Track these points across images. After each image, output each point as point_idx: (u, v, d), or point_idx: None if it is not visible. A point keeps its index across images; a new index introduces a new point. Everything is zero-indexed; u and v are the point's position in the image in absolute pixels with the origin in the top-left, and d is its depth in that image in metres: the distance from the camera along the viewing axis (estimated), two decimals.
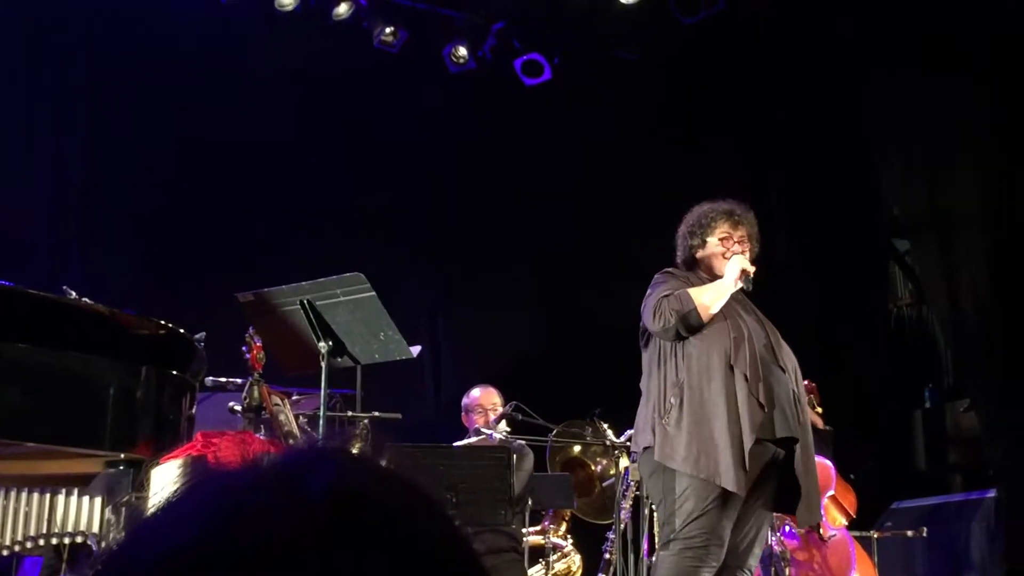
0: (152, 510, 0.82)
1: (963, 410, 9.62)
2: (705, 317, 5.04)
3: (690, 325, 5.02)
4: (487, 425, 7.01)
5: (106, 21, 8.54)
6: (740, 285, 5.16)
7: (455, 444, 6.85)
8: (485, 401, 7.25)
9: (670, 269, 5.38)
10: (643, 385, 5.30)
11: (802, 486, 5.15)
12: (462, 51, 9.43)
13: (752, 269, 5.21)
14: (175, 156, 8.68)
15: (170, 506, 0.82)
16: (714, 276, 5.29)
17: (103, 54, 8.57)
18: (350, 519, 0.78)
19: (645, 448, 5.11)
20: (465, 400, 7.39)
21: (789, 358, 5.25)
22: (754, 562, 5.30)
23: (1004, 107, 8.37)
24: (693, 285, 5.19)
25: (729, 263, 5.22)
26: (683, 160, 9.91)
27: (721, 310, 5.12)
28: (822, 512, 7.08)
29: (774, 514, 6.40)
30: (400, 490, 0.83)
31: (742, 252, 5.31)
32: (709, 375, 5.00)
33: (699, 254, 5.38)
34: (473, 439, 6.94)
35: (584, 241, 9.42)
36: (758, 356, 5.09)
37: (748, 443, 4.93)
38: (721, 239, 5.35)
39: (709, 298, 5.08)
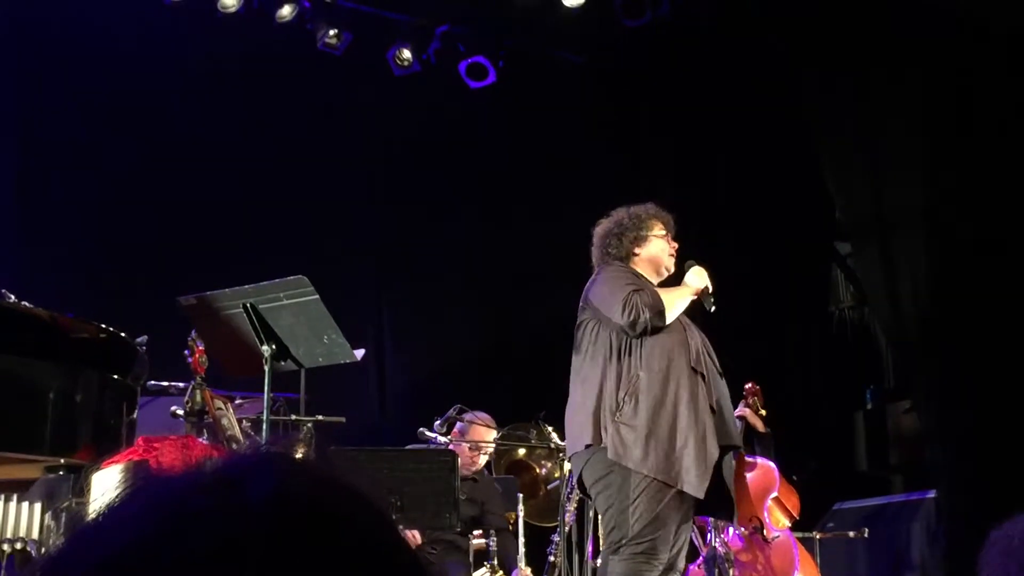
0: (92, 515, 0.82)
1: (904, 411, 9.71)
2: (670, 319, 5.06)
3: (656, 324, 5.01)
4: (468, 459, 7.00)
5: (42, 15, 8.43)
6: (700, 297, 5.24)
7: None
8: (476, 434, 7.17)
9: (619, 264, 5.33)
10: (581, 379, 5.22)
11: (732, 489, 5.20)
12: (406, 54, 9.40)
13: (711, 287, 5.29)
14: (115, 158, 8.58)
15: (110, 511, 0.81)
16: (653, 271, 5.33)
17: (38, 53, 8.46)
18: (290, 524, 0.77)
19: (588, 446, 5.06)
20: (462, 423, 7.29)
21: (717, 363, 5.30)
22: (682, 563, 5.29)
23: (938, 111, 8.46)
24: (646, 282, 5.21)
25: (692, 273, 5.29)
26: (626, 163, 9.96)
27: (677, 317, 5.16)
28: (765, 515, 7.14)
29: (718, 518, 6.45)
30: (341, 495, 0.83)
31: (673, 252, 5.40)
32: (672, 375, 5.00)
33: (639, 249, 5.36)
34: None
35: (528, 243, 9.42)
36: (707, 360, 5.15)
37: (712, 447, 4.98)
38: (663, 236, 5.38)
39: (674, 301, 5.12)
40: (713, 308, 5.27)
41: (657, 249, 5.36)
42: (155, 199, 8.57)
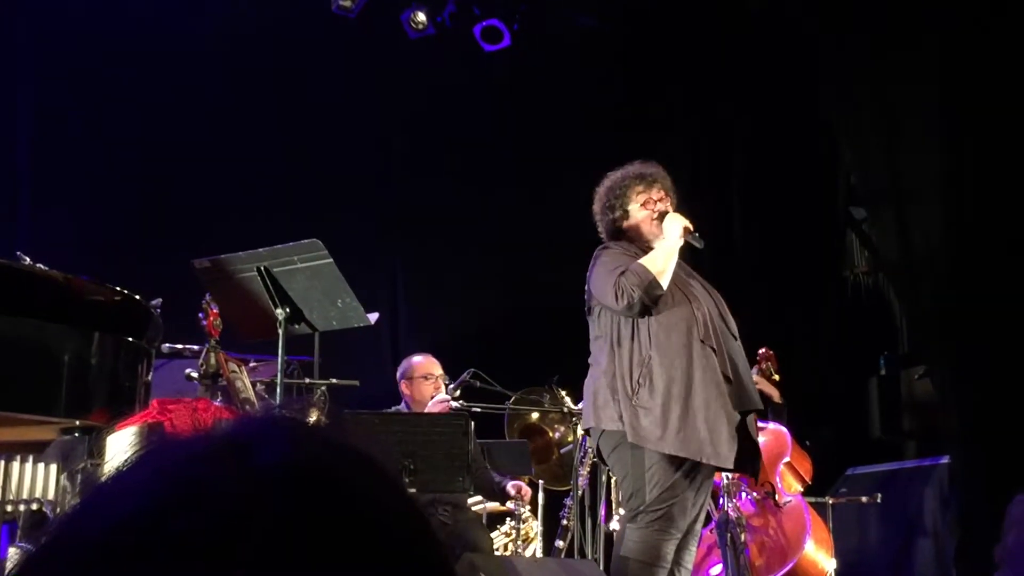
0: (103, 479, 0.82)
1: (918, 377, 9.69)
2: (664, 284, 5.00)
3: (653, 296, 4.97)
4: (434, 395, 6.94)
5: None
6: (686, 240, 5.14)
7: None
8: (430, 368, 7.11)
9: (607, 244, 5.32)
10: (593, 360, 5.25)
11: (756, 446, 5.21)
12: (421, 17, 9.36)
13: (691, 225, 5.18)
14: (130, 120, 8.58)
15: (120, 476, 0.81)
16: (647, 242, 5.25)
17: (49, 11, 8.45)
18: (299, 491, 0.77)
19: (605, 430, 5.05)
20: (405, 366, 7.26)
21: (733, 324, 5.26)
22: (699, 527, 5.31)
23: (955, 76, 8.41)
24: (635, 256, 5.13)
25: (667, 222, 5.18)
26: (641, 129, 9.91)
27: (676, 284, 5.10)
28: (777, 480, 7.15)
29: (731, 482, 6.47)
30: (352, 461, 0.83)
31: (666, 208, 5.29)
32: (683, 352, 4.98)
33: (625, 224, 5.34)
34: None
35: (543, 209, 9.40)
36: (717, 328, 5.11)
37: (730, 417, 4.98)
38: (642, 203, 5.31)
39: (662, 263, 5.03)
40: (702, 244, 5.21)
41: (637, 220, 5.32)
42: (169, 163, 8.59)
